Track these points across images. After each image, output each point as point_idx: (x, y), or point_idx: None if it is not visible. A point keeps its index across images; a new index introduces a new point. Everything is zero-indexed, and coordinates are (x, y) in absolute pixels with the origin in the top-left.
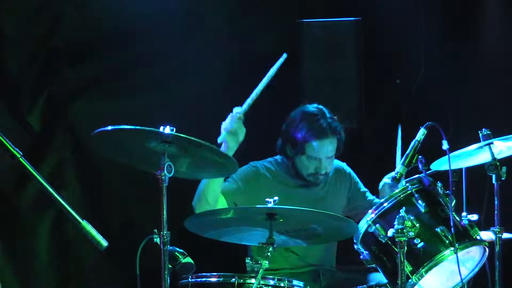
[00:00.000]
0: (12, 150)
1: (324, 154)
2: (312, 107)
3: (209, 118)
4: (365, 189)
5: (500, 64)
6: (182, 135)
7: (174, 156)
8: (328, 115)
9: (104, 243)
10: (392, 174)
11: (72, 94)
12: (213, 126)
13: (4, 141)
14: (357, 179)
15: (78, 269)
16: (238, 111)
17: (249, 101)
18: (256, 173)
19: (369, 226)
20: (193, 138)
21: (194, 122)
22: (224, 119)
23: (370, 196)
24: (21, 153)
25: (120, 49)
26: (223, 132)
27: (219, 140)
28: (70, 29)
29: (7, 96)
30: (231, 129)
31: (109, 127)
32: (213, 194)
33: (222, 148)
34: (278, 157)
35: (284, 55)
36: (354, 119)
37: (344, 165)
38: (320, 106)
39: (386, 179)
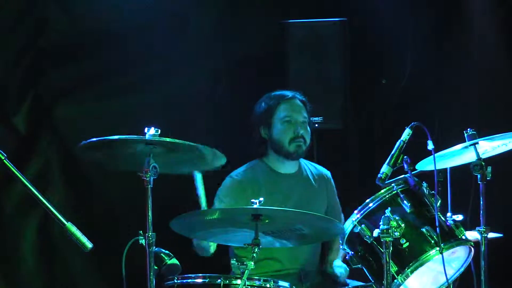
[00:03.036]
0: None
1: (296, 115)
2: None
3: (194, 117)
4: (338, 203)
5: (486, 64)
6: (167, 139)
7: (160, 153)
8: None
9: (89, 244)
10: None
11: (57, 95)
12: (199, 124)
13: None
14: (334, 186)
15: (64, 271)
16: None
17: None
18: (239, 182)
19: (354, 226)
20: (178, 141)
21: (179, 121)
22: (208, 118)
23: (338, 202)
24: (5, 155)
25: (105, 50)
26: None
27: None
28: (55, 30)
29: None
30: None
31: (95, 139)
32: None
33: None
34: (253, 161)
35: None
36: (339, 119)
37: (329, 173)
38: None
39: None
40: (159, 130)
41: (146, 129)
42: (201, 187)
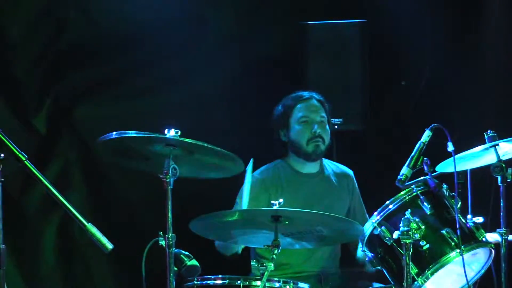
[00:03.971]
0: (18, 153)
1: (313, 115)
2: None
3: (214, 119)
4: (362, 203)
5: (504, 65)
6: (186, 139)
7: (179, 156)
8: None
9: (109, 245)
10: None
11: (77, 97)
12: (218, 126)
13: (9, 144)
14: (356, 185)
15: (84, 272)
16: None
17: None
18: (261, 181)
19: (374, 228)
20: (199, 143)
21: (199, 123)
22: (227, 119)
23: (362, 204)
24: (26, 156)
25: (124, 52)
26: None
27: None
28: (75, 32)
29: (13, 99)
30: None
31: (114, 134)
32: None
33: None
34: (276, 161)
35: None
36: (359, 121)
37: (351, 172)
38: None
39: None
40: (179, 131)
41: (166, 130)
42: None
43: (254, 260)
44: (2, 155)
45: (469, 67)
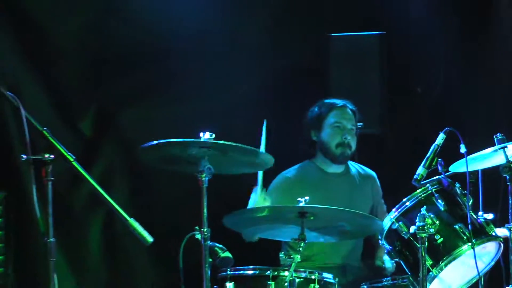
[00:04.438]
0: (66, 154)
1: (345, 122)
2: None
3: (244, 122)
4: (383, 202)
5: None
6: (220, 141)
7: (213, 156)
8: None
9: (150, 238)
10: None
11: (120, 103)
12: (248, 128)
13: (59, 146)
14: (379, 186)
15: (126, 263)
16: (257, 189)
17: (259, 177)
18: (288, 179)
19: (392, 223)
20: (232, 143)
21: (231, 126)
22: (256, 125)
23: (383, 203)
24: (74, 157)
25: (163, 62)
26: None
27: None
28: (119, 44)
29: (62, 106)
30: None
31: (155, 142)
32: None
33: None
34: (304, 162)
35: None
36: (377, 125)
37: (374, 174)
38: None
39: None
40: (214, 134)
41: (201, 134)
42: (264, 135)
43: (282, 253)
44: (52, 156)
45: (480, 75)
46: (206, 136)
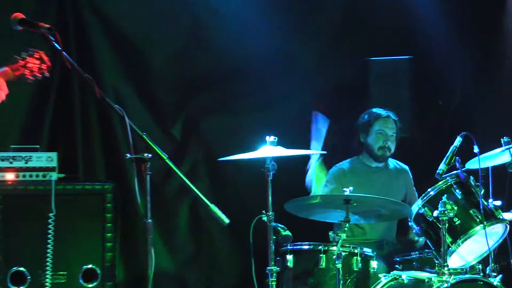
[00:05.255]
0: (161, 153)
1: (388, 129)
2: None
3: (303, 131)
4: (413, 187)
5: None
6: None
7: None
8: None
9: (226, 220)
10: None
11: (203, 113)
12: (305, 137)
13: (155, 147)
14: (411, 178)
15: (208, 239)
16: (315, 159)
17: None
18: (342, 171)
19: (419, 208)
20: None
21: (291, 132)
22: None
23: (415, 191)
24: (166, 155)
25: (238, 80)
26: (310, 176)
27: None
28: (201, 65)
29: (157, 115)
30: (315, 174)
31: (228, 157)
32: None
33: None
34: (353, 157)
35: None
36: (408, 130)
37: (407, 167)
38: None
39: None
40: (276, 138)
41: (267, 137)
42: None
43: (332, 232)
44: (150, 155)
45: (490, 89)
46: (270, 139)
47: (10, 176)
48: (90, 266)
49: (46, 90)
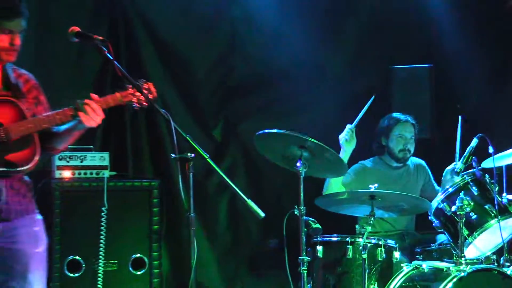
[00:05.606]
0: (202, 153)
1: (407, 133)
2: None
3: (332, 132)
4: (433, 182)
5: None
6: (314, 140)
7: (306, 158)
8: (405, 115)
9: (262, 214)
10: (451, 167)
11: (241, 117)
12: (333, 139)
13: (197, 147)
14: (431, 174)
15: (245, 231)
16: (350, 126)
17: (356, 120)
18: (364, 167)
19: (438, 204)
20: (320, 143)
21: (322, 134)
22: (340, 133)
23: (436, 186)
24: (208, 155)
25: (271, 87)
26: (341, 139)
27: (340, 141)
28: (239, 73)
29: (199, 118)
30: (346, 138)
31: (266, 131)
32: (335, 188)
33: (341, 153)
34: (375, 157)
35: (373, 97)
36: (428, 132)
37: (423, 162)
38: None
39: (447, 171)
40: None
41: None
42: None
43: (358, 225)
44: (193, 155)
45: (504, 94)
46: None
47: (67, 174)
48: (138, 255)
49: (98, 95)
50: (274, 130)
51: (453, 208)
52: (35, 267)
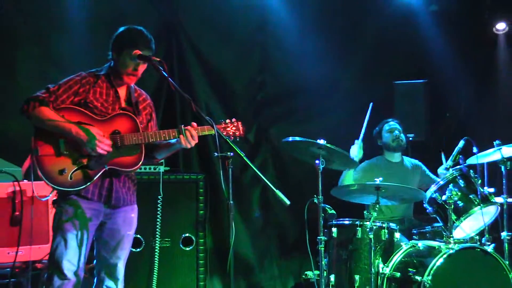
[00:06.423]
0: (240, 152)
1: (394, 127)
2: None
3: (344, 135)
4: (430, 173)
5: (508, 99)
6: (328, 145)
7: (324, 155)
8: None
9: (287, 201)
10: (444, 166)
11: (271, 123)
12: (345, 139)
13: (235, 148)
14: (425, 168)
15: (274, 217)
16: (358, 142)
17: (362, 133)
18: (369, 164)
19: (432, 194)
20: (333, 147)
21: (336, 137)
22: (352, 140)
23: (432, 176)
24: (243, 153)
25: (294, 98)
26: (352, 154)
27: (351, 155)
28: (270, 87)
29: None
30: (356, 155)
31: (290, 139)
32: (347, 182)
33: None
34: (378, 156)
35: (371, 104)
36: (423, 135)
37: (419, 162)
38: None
39: (440, 169)
40: (325, 140)
41: (318, 140)
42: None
43: (366, 211)
44: (232, 153)
45: (486, 104)
46: (321, 141)
47: None
48: (187, 234)
49: (156, 105)
50: (297, 138)
51: (444, 197)
52: (124, 246)
